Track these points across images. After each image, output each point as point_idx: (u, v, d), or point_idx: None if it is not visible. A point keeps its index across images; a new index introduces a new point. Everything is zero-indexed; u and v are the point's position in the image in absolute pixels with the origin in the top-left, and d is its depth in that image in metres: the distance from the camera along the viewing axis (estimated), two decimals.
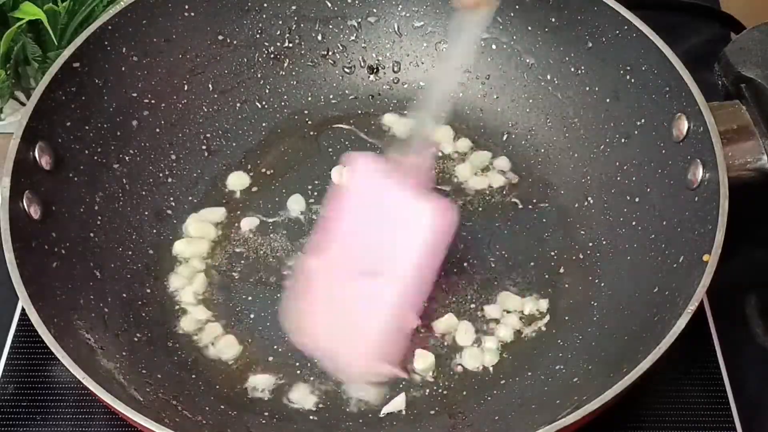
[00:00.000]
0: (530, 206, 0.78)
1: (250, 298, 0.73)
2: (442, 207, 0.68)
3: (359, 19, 0.84)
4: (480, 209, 0.78)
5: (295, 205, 0.78)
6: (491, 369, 0.69)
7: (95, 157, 0.74)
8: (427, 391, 0.68)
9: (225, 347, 0.70)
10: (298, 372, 0.69)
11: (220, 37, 0.82)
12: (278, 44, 0.84)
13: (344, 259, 0.69)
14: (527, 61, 0.81)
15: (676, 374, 0.71)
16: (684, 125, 0.70)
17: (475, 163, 0.80)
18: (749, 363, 0.73)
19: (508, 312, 0.72)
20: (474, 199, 0.79)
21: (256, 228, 0.77)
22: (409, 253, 0.67)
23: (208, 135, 0.81)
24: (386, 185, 0.68)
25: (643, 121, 0.74)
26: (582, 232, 0.76)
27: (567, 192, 0.78)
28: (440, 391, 0.69)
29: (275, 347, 0.71)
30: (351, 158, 0.73)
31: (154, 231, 0.76)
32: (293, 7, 0.83)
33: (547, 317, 0.72)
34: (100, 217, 0.73)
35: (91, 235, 0.72)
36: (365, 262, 0.68)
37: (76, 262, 0.69)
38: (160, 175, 0.79)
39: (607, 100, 0.77)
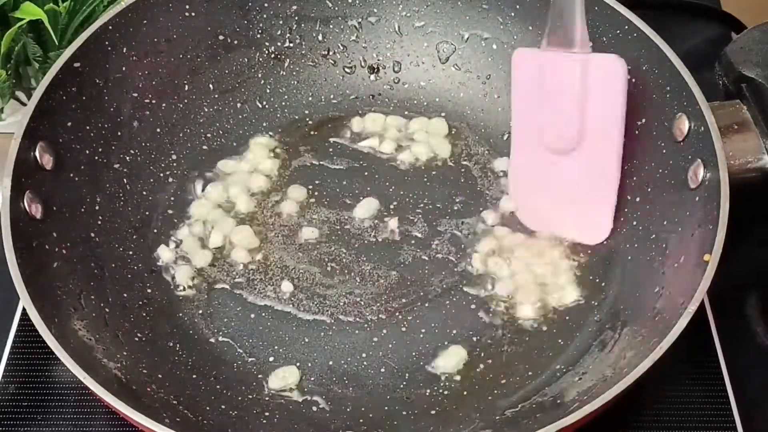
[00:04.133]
0: None
1: (250, 298, 0.73)
2: (608, 61, 0.70)
3: (360, 19, 0.84)
4: None
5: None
6: (491, 368, 0.70)
7: (96, 157, 0.74)
8: (428, 391, 0.68)
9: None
10: (299, 372, 0.69)
11: (221, 37, 0.82)
12: (279, 44, 0.84)
13: (539, 148, 0.74)
14: None
15: (676, 374, 0.71)
16: (685, 125, 0.70)
17: None
18: (750, 363, 0.73)
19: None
20: None
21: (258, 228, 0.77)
22: (603, 121, 0.71)
23: (209, 135, 0.81)
24: (551, 64, 0.72)
25: (643, 120, 0.74)
26: None
27: None
28: (441, 391, 0.69)
29: (275, 347, 0.71)
30: (515, 56, 0.75)
31: (155, 231, 0.76)
32: (294, 7, 0.83)
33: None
34: (101, 217, 0.73)
35: (92, 235, 0.72)
36: (557, 141, 0.73)
37: (76, 262, 0.69)
38: (161, 175, 0.79)
39: None
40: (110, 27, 0.75)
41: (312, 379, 0.69)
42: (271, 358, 0.70)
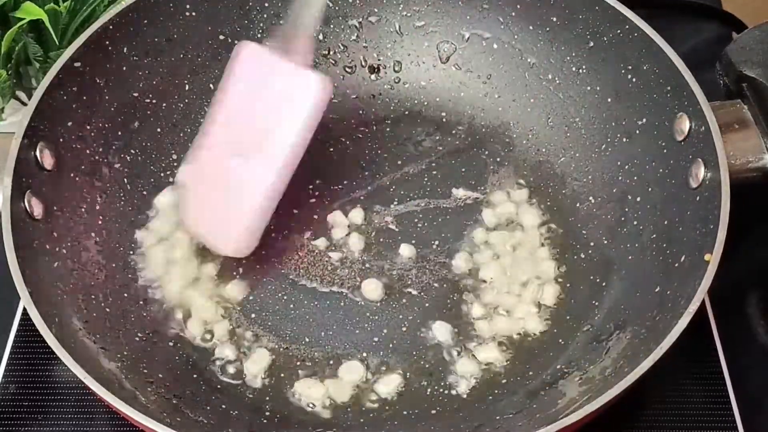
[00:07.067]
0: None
1: (251, 297, 0.73)
2: (316, 79, 0.70)
3: (360, 19, 0.84)
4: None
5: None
6: (492, 368, 0.70)
7: (97, 157, 0.74)
8: (428, 390, 0.68)
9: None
10: (300, 372, 0.69)
11: (222, 37, 0.81)
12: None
13: (223, 142, 0.72)
14: (528, 60, 0.81)
15: (677, 374, 0.71)
16: (685, 125, 0.70)
17: None
18: (751, 363, 0.73)
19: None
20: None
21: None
22: (284, 130, 0.70)
23: None
24: (266, 66, 0.71)
25: (644, 120, 0.74)
26: (583, 232, 0.76)
27: (568, 191, 0.78)
28: (441, 390, 0.69)
29: (275, 347, 0.71)
30: (238, 47, 0.73)
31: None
32: None
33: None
34: (101, 217, 0.73)
35: (93, 234, 0.72)
36: (240, 143, 0.71)
37: (77, 262, 0.69)
38: (162, 175, 0.79)
39: (609, 100, 0.77)
40: (111, 27, 0.75)
41: (312, 378, 0.69)
42: (271, 358, 0.70)
